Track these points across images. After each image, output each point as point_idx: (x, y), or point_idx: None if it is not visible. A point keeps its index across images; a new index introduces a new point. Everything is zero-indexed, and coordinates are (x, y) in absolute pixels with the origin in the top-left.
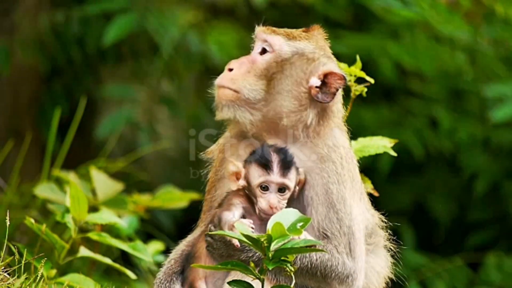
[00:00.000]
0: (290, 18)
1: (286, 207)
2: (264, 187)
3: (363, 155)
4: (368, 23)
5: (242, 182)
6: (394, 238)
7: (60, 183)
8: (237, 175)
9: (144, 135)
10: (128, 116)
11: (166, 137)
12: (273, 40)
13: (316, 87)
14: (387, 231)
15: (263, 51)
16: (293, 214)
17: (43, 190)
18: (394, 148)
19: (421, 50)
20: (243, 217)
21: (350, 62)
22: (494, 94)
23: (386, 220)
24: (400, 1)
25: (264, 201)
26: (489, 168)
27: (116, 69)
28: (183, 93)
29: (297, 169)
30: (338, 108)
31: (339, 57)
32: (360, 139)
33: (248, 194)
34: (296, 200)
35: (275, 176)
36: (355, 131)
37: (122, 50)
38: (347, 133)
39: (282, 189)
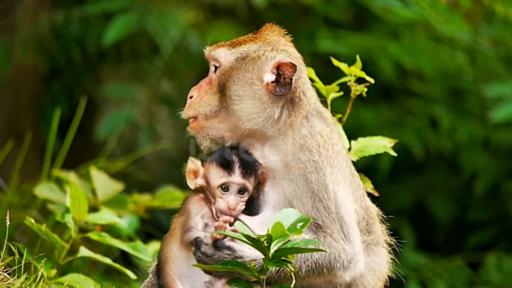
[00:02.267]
0: (290, 18)
1: (266, 203)
2: (225, 188)
3: (363, 155)
4: (368, 23)
5: (200, 181)
6: (395, 238)
7: (60, 183)
8: (195, 174)
9: (144, 135)
10: (128, 116)
11: (166, 137)
12: (217, 54)
13: (272, 82)
14: (385, 226)
15: (215, 68)
16: (293, 214)
17: (43, 190)
18: (394, 148)
19: (421, 50)
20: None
21: (350, 62)
22: (494, 94)
23: (385, 218)
24: (400, 1)
25: (223, 202)
26: (489, 168)
27: (116, 69)
28: (183, 93)
29: (257, 171)
30: (306, 94)
31: (339, 57)
32: (360, 139)
33: (205, 194)
34: (280, 195)
35: (237, 177)
36: (355, 131)
37: (122, 50)
38: (344, 128)
39: (242, 190)
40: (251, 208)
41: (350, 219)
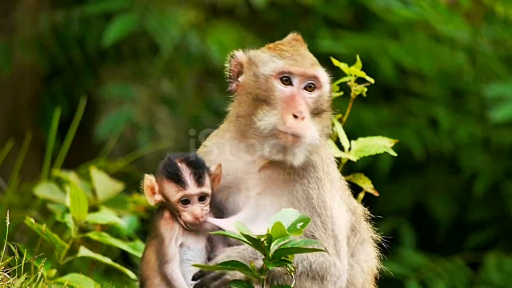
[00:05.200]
0: (290, 18)
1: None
2: (185, 201)
3: (363, 155)
4: (368, 23)
5: (158, 197)
6: (395, 238)
7: (60, 183)
8: (152, 190)
9: (144, 135)
10: (128, 116)
11: (166, 137)
12: (321, 76)
13: None
14: (370, 222)
15: (311, 87)
16: (292, 214)
17: (43, 190)
18: (394, 148)
19: (421, 50)
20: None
21: (350, 62)
22: (494, 94)
23: (385, 218)
24: (400, 1)
25: (188, 214)
26: (489, 168)
27: (116, 69)
28: (183, 93)
29: (208, 170)
30: None
31: (339, 57)
32: (360, 139)
33: (168, 208)
34: (272, 203)
35: (192, 188)
36: (355, 131)
37: (122, 50)
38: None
39: (202, 197)
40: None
41: (342, 238)
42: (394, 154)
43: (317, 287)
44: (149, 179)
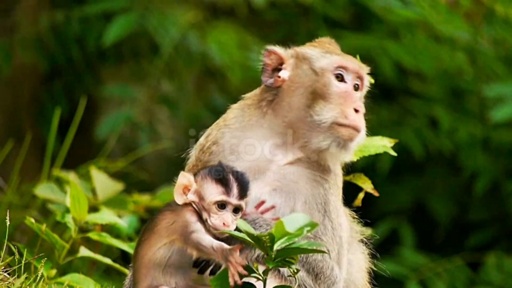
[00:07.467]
0: (290, 18)
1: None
2: (221, 206)
3: (363, 155)
4: (368, 23)
5: (191, 197)
6: (395, 238)
7: (60, 183)
8: (184, 189)
9: (144, 135)
10: (128, 116)
11: (166, 137)
12: (366, 79)
13: None
14: (360, 224)
15: (356, 87)
16: (302, 218)
17: (43, 190)
18: (394, 148)
19: (421, 50)
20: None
21: None
22: (494, 94)
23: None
24: (400, 1)
25: (218, 218)
26: (489, 168)
27: (116, 69)
28: (183, 93)
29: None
30: None
31: None
32: None
33: (196, 210)
34: (289, 206)
35: (234, 199)
36: None
37: (122, 50)
38: None
39: (236, 209)
40: None
41: (346, 247)
42: (394, 154)
43: (310, 282)
44: (186, 178)
